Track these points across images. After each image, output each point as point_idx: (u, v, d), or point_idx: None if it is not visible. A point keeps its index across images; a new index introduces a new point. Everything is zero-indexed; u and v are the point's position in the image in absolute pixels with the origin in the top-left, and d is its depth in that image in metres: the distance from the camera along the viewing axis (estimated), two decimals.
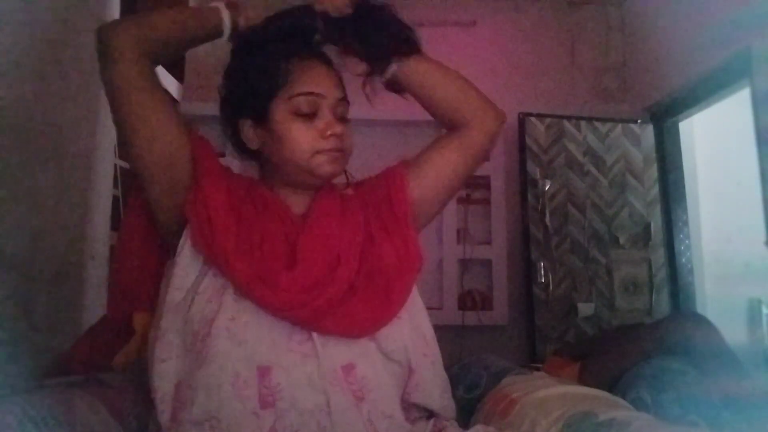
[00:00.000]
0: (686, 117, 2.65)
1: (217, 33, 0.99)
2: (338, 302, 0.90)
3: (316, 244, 0.95)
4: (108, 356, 1.05)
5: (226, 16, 0.98)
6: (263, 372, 0.84)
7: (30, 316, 1.37)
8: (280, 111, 0.95)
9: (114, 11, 1.87)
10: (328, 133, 0.94)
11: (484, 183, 2.84)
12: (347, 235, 0.98)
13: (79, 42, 1.58)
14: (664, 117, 2.71)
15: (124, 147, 0.95)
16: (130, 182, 1.06)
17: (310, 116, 0.94)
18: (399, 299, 0.96)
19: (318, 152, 0.94)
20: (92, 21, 1.72)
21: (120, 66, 0.88)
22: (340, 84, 1.00)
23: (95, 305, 1.72)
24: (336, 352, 0.88)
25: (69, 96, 1.46)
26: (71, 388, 0.91)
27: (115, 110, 0.91)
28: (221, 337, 0.85)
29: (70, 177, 1.57)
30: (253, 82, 0.98)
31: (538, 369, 1.77)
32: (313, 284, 0.89)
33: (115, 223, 1.81)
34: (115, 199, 1.84)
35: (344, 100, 1.00)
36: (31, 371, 1.29)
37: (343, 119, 0.99)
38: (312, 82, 0.95)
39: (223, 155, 2.71)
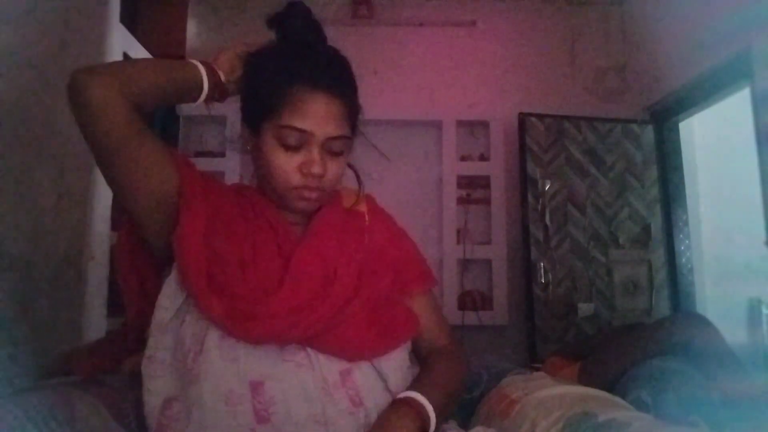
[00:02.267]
0: (686, 117, 2.65)
1: (198, 88, 0.95)
2: (332, 320, 0.88)
3: (311, 258, 0.93)
4: (113, 366, 1.04)
5: (203, 71, 0.95)
6: (256, 387, 0.83)
7: (30, 316, 1.37)
8: (268, 135, 0.92)
9: (114, 11, 1.87)
10: (305, 171, 0.91)
11: (484, 183, 2.84)
12: (346, 250, 0.97)
13: (79, 42, 1.58)
14: (664, 117, 2.71)
15: (113, 190, 0.92)
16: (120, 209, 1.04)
17: (295, 148, 0.90)
18: (401, 338, 0.96)
19: (293, 187, 0.92)
20: (92, 21, 1.72)
21: (108, 120, 0.82)
22: (340, 121, 0.93)
23: (95, 305, 1.72)
24: (333, 359, 0.88)
25: None
26: (71, 389, 0.91)
27: (104, 163, 0.87)
28: (213, 354, 0.84)
29: (70, 177, 1.57)
30: (253, 96, 0.96)
31: (538, 369, 1.77)
32: (303, 303, 0.88)
33: (115, 223, 1.81)
34: (115, 199, 1.84)
35: (340, 138, 0.93)
36: (31, 371, 1.29)
37: (336, 154, 0.93)
38: (303, 118, 0.89)
39: (223, 155, 2.72)
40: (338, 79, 0.94)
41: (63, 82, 0.83)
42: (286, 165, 0.91)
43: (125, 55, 1.94)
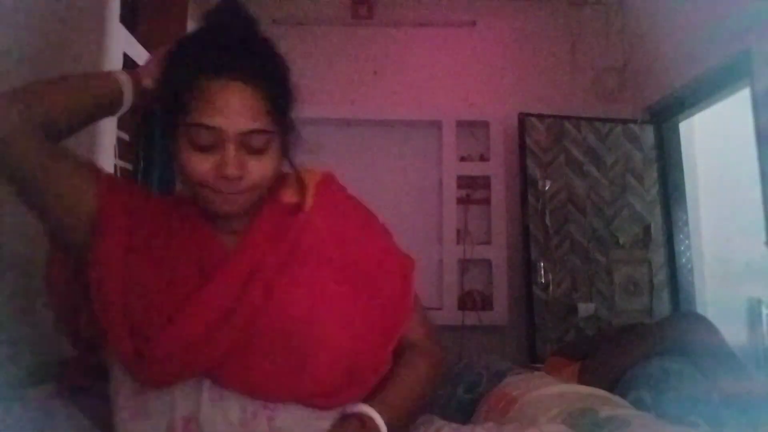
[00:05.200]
0: (686, 117, 2.65)
1: (119, 100, 0.88)
2: (231, 350, 0.80)
3: (232, 280, 0.84)
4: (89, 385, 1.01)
5: (126, 81, 0.89)
6: (187, 422, 0.79)
7: (30, 316, 1.37)
8: (180, 136, 0.81)
9: (114, 11, 1.87)
10: (219, 173, 0.79)
11: (484, 183, 2.84)
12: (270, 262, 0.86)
13: (79, 42, 1.58)
14: (664, 117, 2.71)
15: (32, 212, 0.86)
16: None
17: (209, 148, 0.79)
18: (322, 377, 0.83)
19: (208, 188, 0.81)
20: (92, 21, 1.72)
21: (13, 149, 0.77)
22: (256, 113, 0.80)
23: None
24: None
25: None
26: (54, 398, 0.89)
27: (20, 194, 0.83)
28: (152, 390, 0.80)
29: None
30: (162, 96, 0.86)
31: (538, 369, 1.77)
32: (201, 336, 0.79)
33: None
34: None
35: (257, 132, 0.80)
36: (31, 371, 1.29)
37: (258, 151, 0.81)
38: (211, 112, 0.78)
39: None
40: (252, 65, 0.81)
41: None
42: (200, 168, 0.80)
43: (125, 55, 1.94)
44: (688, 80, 2.40)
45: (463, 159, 2.86)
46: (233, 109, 0.78)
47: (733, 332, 2.19)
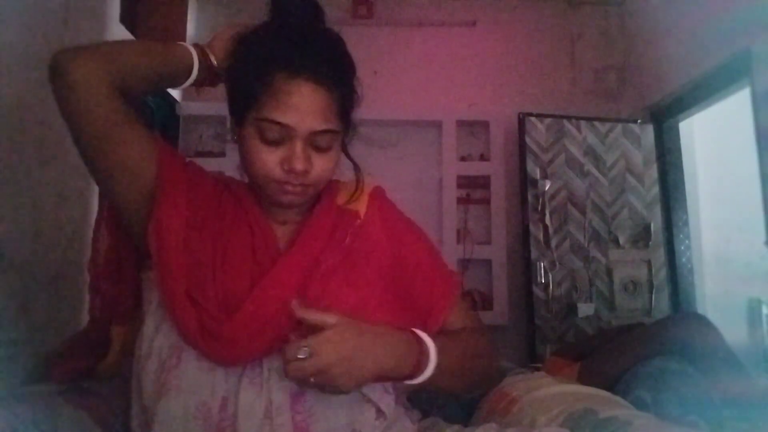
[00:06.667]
0: (686, 117, 2.65)
1: (187, 71, 0.91)
2: (287, 337, 0.80)
3: (290, 272, 0.86)
4: (91, 367, 1.00)
5: (195, 54, 0.91)
6: (224, 402, 0.80)
7: (30, 316, 1.37)
8: (248, 127, 0.84)
9: (114, 11, 1.87)
10: (286, 167, 0.83)
11: (484, 183, 2.84)
12: (328, 259, 0.88)
13: (79, 42, 1.58)
14: (664, 117, 2.71)
15: (93, 177, 0.88)
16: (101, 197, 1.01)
17: (276, 142, 0.82)
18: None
19: (275, 180, 0.84)
20: (92, 21, 1.72)
21: (90, 102, 0.79)
22: (327, 113, 0.83)
23: None
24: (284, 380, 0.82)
25: None
26: (55, 399, 0.89)
27: (84, 148, 0.83)
28: (191, 367, 0.81)
29: (70, 177, 1.57)
30: (235, 84, 0.88)
31: (538, 369, 1.77)
32: (266, 323, 0.81)
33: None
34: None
35: (326, 132, 0.83)
36: (31, 371, 1.29)
37: (323, 149, 0.85)
38: (284, 110, 0.80)
39: (223, 155, 2.71)
40: (326, 65, 0.83)
41: None
42: (267, 160, 0.83)
43: None
44: (688, 80, 2.40)
45: (463, 159, 2.86)
46: (306, 108, 0.81)
47: (733, 332, 2.19)
